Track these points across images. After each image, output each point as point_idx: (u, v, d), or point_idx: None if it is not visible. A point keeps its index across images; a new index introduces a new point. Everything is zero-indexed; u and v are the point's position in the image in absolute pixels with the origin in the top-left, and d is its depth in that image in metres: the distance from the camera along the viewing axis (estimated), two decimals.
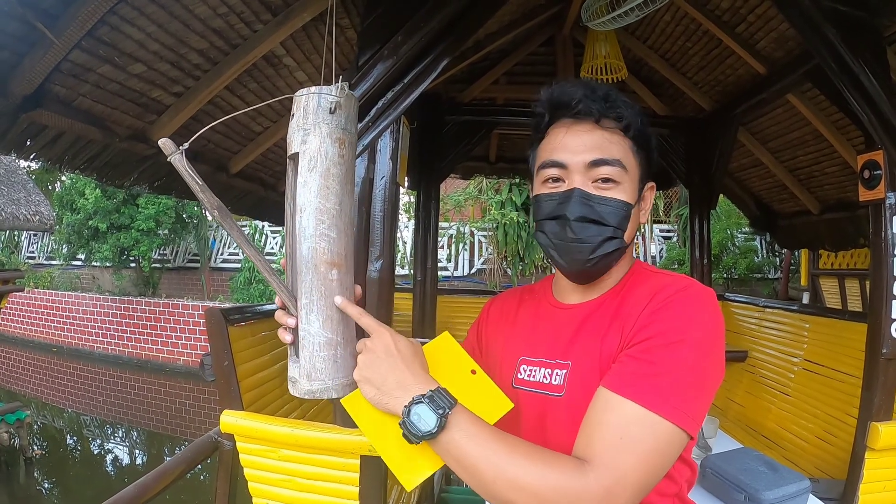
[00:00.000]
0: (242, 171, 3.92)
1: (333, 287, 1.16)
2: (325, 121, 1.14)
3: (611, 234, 1.23)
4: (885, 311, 2.74)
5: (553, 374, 1.27)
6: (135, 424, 11.19)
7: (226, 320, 2.70)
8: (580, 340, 1.27)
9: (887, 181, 2.76)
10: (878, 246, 2.78)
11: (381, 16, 2.35)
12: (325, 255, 1.15)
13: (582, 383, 1.20)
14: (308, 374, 1.18)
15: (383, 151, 2.40)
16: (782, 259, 12.64)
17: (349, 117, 1.18)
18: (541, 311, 1.43)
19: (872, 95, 2.69)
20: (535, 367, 1.32)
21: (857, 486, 2.75)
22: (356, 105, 1.23)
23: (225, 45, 2.92)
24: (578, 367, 1.23)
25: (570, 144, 1.25)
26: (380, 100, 2.34)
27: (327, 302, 1.15)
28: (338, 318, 1.16)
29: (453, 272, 14.84)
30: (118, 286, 15.37)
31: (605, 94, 1.25)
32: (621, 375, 1.09)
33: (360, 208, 2.34)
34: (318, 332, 1.17)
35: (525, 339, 1.40)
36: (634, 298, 1.22)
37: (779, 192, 5.28)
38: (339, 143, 1.15)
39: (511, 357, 1.39)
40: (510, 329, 1.47)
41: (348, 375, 1.19)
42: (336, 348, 1.18)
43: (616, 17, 2.90)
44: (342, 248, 1.17)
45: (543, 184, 1.30)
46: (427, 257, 4.84)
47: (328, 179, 1.15)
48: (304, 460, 2.46)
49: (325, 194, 1.15)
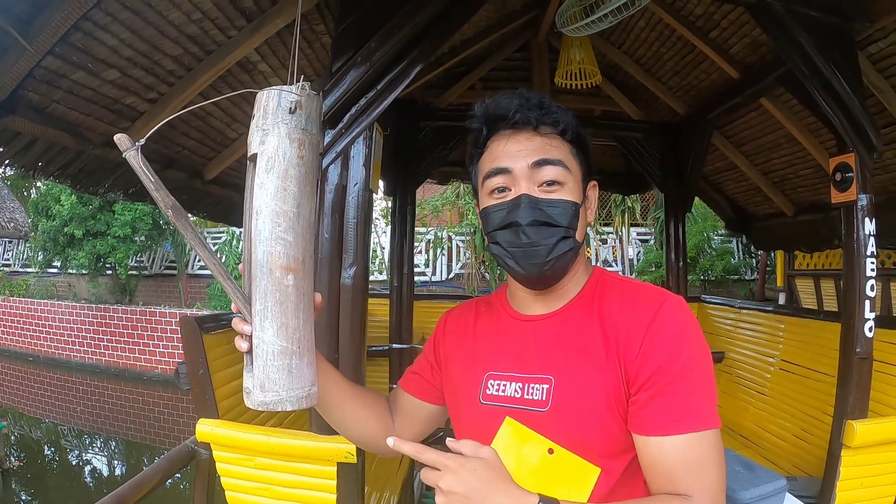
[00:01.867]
0: (218, 177, 3.90)
1: (289, 293, 1.10)
2: (284, 121, 1.08)
3: (563, 234, 1.24)
4: (859, 310, 2.78)
5: (529, 389, 1.27)
6: (113, 434, 11.10)
7: (200, 328, 2.68)
8: (560, 356, 1.27)
9: (859, 183, 2.80)
10: (850, 247, 2.82)
11: (355, 22, 2.35)
12: (280, 260, 1.09)
13: (570, 398, 1.21)
14: (262, 385, 1.11)
15: (356, 158, 2.39)
16: (758, 260, 12.75)
17: (310, 117, 1.12)
18: (502, 323, 1.42)
19: (844, 99, 2.73)
20: (504, 382, 1.31)
21: (835, 483, 2.79)
22: (319, 105, 1.17)
23: (199, 51, 2.91)
24: (564, 383, 1.23)
25: (512, 151, 1.27)
26: (353, 106, 2.34)
27: (283, 308, 1.10)
28: (293, 326, 1.10)
29: (431, 277, 14.85)
30: (94, 294, 15.23)
31: (539, 102, 1.28)
32: (660, 417, 1.14)
33: (334, 215, 2.34)
34: (273, 341, 1.10)
35: (490, 354, 1.38)
36: (621, 319, 1.23)
37: (753, 195, 5.32)
38: (298, 144, 1.08)
39: (475, 372, 1.37)
40: (471, 343, 1.45)
41: (304, 387, 1.12)
42: (291, 358, 1.11)
43: (590, 23, 2.91)
44: (300, 252, 1.11)
45: (490, 195, 1.31)
46: (403, 263, 4.83)
47: (286, 181, 1.09)
48: (281, 468, 2.46)
49: (283, 196, 1.09)
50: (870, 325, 2.78)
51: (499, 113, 1.30)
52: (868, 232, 2.80)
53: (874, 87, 3.34)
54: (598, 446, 1.20)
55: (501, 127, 1.31)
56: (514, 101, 1.28)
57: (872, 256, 2.80)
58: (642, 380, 1.17)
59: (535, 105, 1.27)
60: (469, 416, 1.36)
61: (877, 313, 2.82)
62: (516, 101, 1.28)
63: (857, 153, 2.81)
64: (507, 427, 1.27)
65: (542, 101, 1.29)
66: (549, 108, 1.28)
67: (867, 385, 2.81)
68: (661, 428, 1.13)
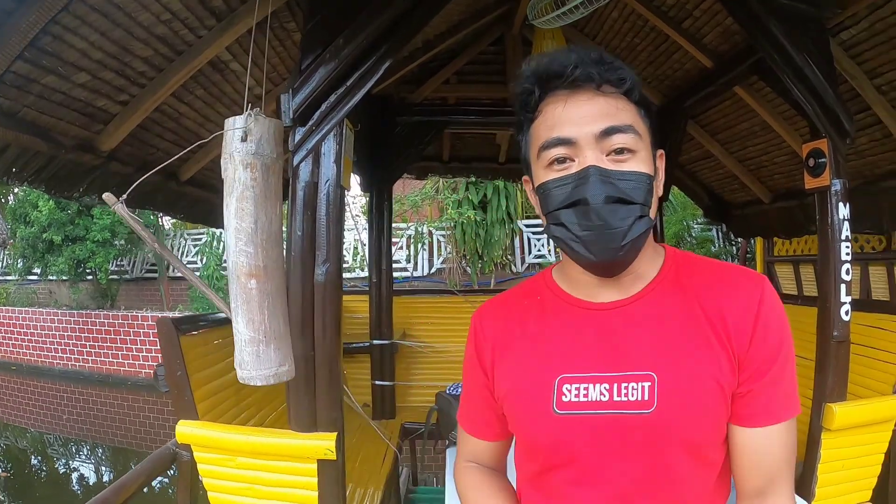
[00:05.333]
0: (194, 178, 3.87)
1: (253, 294, 1.41)
2: (237, 150, 1.48)
3: (640, 213, 1.08)
4: (834, 294, 2.81)
5: (623, 389, 1.10)
6: (100, 441, 11.05)
7: (177, 330, 2.67)
8: (659, 347, 1.12)
9: (832, 168, 2.82)
10: (824, 232, 2.85)
11: (323, 19, 2.35)
12: (243, 268, 1.39)
13: (681, 394, 1.09)
14: (240, 364, 1.48)
15: (327, 155, 2.37)
16: (739, 248, 12.81)
17: (262, 141, 1.42)
18: (567, 315, 1.21)
19: (816, 86, 2.75)
20: (585, 385, 1.13)
21: (816, 466, 2.82)
22: (273, 126, 1.43)
23: (169, 52, 2.89)
24: (671, 378, 1.09)
25: (574, 116, 1.09)
26: (322, 103, 2.34)
27: (249, 307, 1.41)
28: (259, 320, 1.41)
29: (413, 272, 14.87)
30: (75, 300, 15.10)
31: (599, 57, 1.11)
32: (770, 406, 1.11)
33: (306, 212, 2.31)
34: (244, 331, 1.44)
35: (557, 354, 1.17)
36: (724, 301, 1.13)
37: (730, 183, 5.35)
38: (250, 169, 1.46)
39: (542, 379, 1.16)
40: (526, 345, 1.23)
41: (270, 368, 1.49)
42: (258, 345, 1.46)
43: (560, 14, 2.91)
44: (260, 261, 1.39)
45: (548, 168, 1.12)
46: (382, 259, 4.83)
47: (242, 202, 1.37)
48: (262, 467, 2.46)
49: (241, 215, 1.37)
50: (846, 308, 2.80)
51: (553, 70, 1.11)
52: (842, 217, 2.82)
53: (847, 73, 3.36)
54: (711, 442, 1.12)
55: (557, 86, 1.12)
56: (571, 55, 1.10)
57: (847, 241, 2.83)
58: (754, 367, 1.10)
59: (595, 60, 1.10)
60: (542, 431, 1.16)
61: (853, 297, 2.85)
62: (574, 56, 1.10)
63: (829, 139, 2.83)
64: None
65: (602, 55, 1.11)
66: (611, 63, 1.11)
67: (845, 368, 2.84)
68: (770, 418, 1.11)
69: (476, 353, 1.31)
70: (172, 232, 16.26)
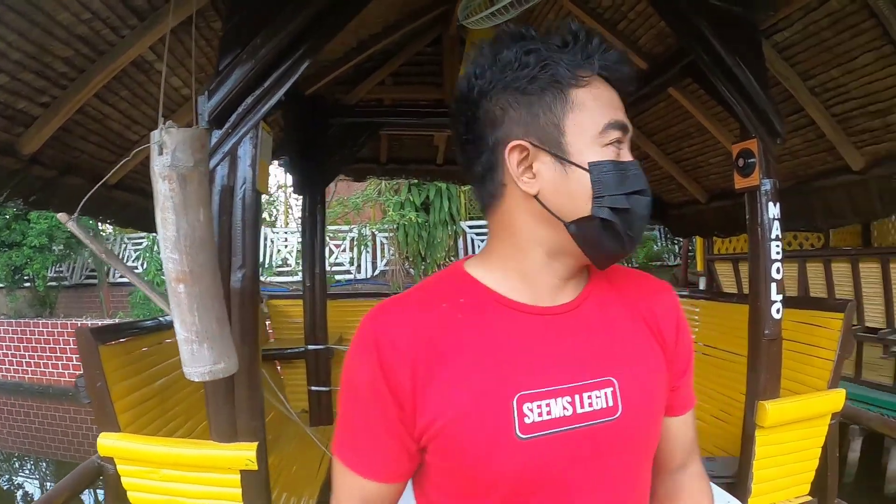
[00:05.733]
0: (121, 182, 3.77)
1: (182, 298, 1.48)
2: (156, 163, 1.45)
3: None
4: (765, 293, 2.85)
5: (586, 399, 1.01)
6: (43, 455, 10.74)
7: (96, 340, 2.61)
8: (616, 349, 1.07)
9: (762, 168, 2.87)
10: (754, 231, 2.90)
11: (242, 19, 2.32)
12: (172, 274, 1.46)
13: (637, 399, 1.05)
14: (182, 361, 1.59)
15: (243, 158, 2.35)
16: (681, 246, 13.04)
17: (176, 152, 1.49)
18: (513, 321, 1.04)
19: (746, 87, 2.80)
20: (547, 401, 0.99)
21: (751, 462, 2.88)
22: (188, 135, 1.44)
23: (91, 52, 2.81)
24: (628, 382, 1.04)
25: (620, 106, 1.03)
26: (239, 105, 2.31)
27: (180, 309, 1.48)
28: (190, 321, 1.48)
29: (356, 275, 14.87)
30: (13, 308, 14.67)
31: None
32: (687, 398, 1.21)
33: (222, 217, 2.28)
34: (179, 331, 1.55)
35: (511, 368, 1.00)
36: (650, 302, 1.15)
37: (667, 184, 5.42)
38: (167, 180, 1.44)
39: (497, 401, 0.98)
40: (468, 361, 1.00)
41: (205, 365, 1.55)
42: (192, 344, 1.54)
43: (490, 15, 2.88)
44: (185, 266, 1.44)
45: (607, 147, 0.99)
46: (315, 262, 4.79)
47: (165, 213, 1.44)
48: (185, 479, 2.43)
49: (165, 224, 1.44)
50: (777, 307, 2.84)
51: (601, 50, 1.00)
52: (772, 216, 2.87)
53: (780, 75, 3.43)
54: (658, 439, 1.13)
55: (596, 69, 1.00)
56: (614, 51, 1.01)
57: (777, 240, 2.88)
58: (680, 365, 1.17)
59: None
60: (503, 461, 0.97)
61: (792, 294, 2.89)
62: (616, 54, 1.01)
63: (759, 139, 2.87)
64: None
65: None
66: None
67: (777, 366, 2.89)
68: (689, 404, 1.22)
69: (383, 376, 0.99)
70: (113, 237, 15.93)
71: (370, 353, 1.01)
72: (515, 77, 1.00)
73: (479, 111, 1.04)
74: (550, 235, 1.03)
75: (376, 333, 1.01)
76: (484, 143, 1.05)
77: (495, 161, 1.04)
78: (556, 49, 0.99)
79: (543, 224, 1.03)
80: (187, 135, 1.52)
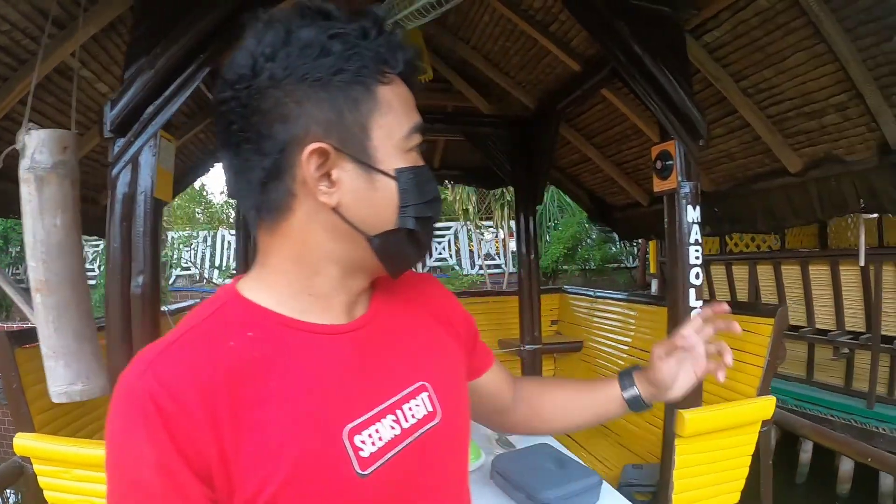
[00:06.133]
0: None
1: (39, 309, 1.42)
2: (20, 166, 1.37)
3: None
4: (683, 299, 2.81)
5: (407, 411, 0.93)
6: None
7: (11, 342, 2.65)
8: (420, 355, 1.01)
9: (681, 171, 2.82)
10: (672, 235, 2.84)
11: (147, 28, 2.29)
12: (33, 283, 1.41)
13: (450, 398, 1.00)
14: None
15: (144, 167, 2.31)
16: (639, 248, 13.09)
17: (35, 153, 1.37)
18: (317, 347, 0.88)
19: (665, 86, 2.75)
20: (375, 427, 0.87)
21: (671, 471, 2.81)
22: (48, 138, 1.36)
23: (12, 62, 2.79)
24: (440, 384, 0.99)
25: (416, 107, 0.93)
26: (141, 114, 2.28)
27: (38, 321, 1.41)
28: (46, 335, 1.40)
29: None
30: None
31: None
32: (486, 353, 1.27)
33: (122, 223, 2.24)
34: (42, 346, 1.46)
35: (330, 400, 0.85)
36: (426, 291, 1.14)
37: (610, 186, 5.39)
38: (26, 184, 1.40)
39: (326, 441, 0.82)
40: (282, 405, 0.81)
41: (60, 385, 1.44)
42: (49, 360, 1.46)
43: (410, 15, 2.79)
44: (41, 275, 1.38)
45: (409, 153, 0.90)
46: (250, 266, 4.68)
47: (24, 217, 1.38)
48: (98, 479, 2.41)
49: (25, 230, 1.39)
50: (696, 313, 2.79)
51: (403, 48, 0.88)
52: (691, 220, 2.82)
53: (712, 76, 3.39)
54: (469, 434, 1.11)
55: (400, 65, 0.88)
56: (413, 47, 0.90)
57: (697, 244, 2.82)
58: (471, 333, 1.20)
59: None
60: None
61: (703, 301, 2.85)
62: (415, 50, 0.90)
63: (679, 140, 2.82)
64: None
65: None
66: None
67: None
68: (489, 359, 1.26)
69: (176, 450, 0.73)
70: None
71: (150, 421, 0.74)
72: (318, 65, 0.82)
73: (264, 102, 0.83)
74: (348, 251, 0.90)
75: (152, 393, 0.74)
76: (269, 143, 0.85)
77: (284, 165, 0.85)
78: (360, 37, 0.84)
79: (341, 239, 0.89)
80: (47, 136, 1.43)
